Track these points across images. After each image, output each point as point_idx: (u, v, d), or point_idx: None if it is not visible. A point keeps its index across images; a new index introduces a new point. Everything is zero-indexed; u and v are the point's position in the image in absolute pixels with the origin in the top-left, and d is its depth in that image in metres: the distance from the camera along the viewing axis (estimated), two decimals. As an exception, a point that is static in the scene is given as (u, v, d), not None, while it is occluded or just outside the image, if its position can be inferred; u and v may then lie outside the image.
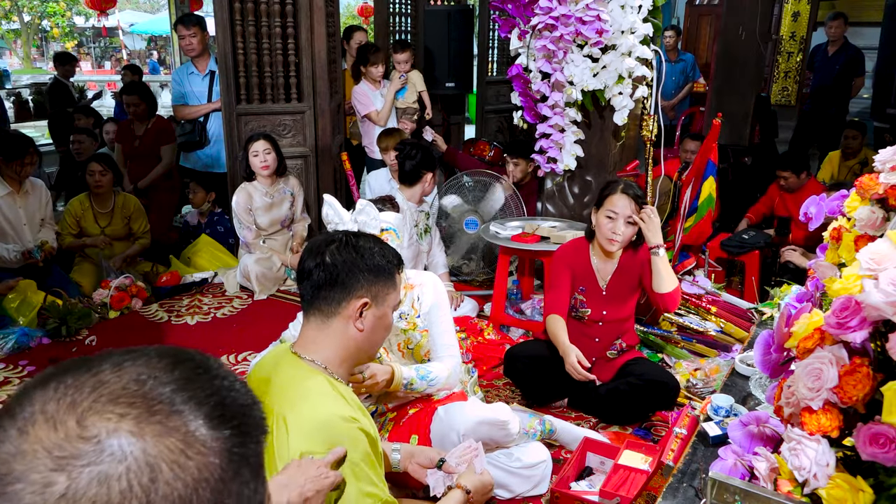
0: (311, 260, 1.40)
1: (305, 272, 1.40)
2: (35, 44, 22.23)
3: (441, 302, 2.18)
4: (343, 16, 9.42)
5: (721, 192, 3.96)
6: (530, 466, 2.11)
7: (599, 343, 2.67)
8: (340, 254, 1.39)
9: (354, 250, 1.40)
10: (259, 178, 3.89)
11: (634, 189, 2.54)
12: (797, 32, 7.97)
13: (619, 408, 2.57)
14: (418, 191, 3.37)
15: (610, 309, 2.63)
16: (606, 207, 2.53)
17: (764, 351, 1.40)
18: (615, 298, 2.63)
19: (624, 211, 2.49)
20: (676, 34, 7.29)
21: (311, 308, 1.40)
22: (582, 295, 2.64)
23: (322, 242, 1.42)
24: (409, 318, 2.15)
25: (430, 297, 2.16)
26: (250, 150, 3.80)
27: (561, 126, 3.21)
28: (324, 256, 1.38)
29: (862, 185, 1.34)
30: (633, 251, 2.64)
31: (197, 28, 4.34)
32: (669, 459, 1.81)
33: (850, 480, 1.09)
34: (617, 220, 2.50)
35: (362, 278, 1.38)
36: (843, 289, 1.16)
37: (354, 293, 1.37)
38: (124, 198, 4.15)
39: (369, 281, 1.39)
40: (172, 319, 3.59)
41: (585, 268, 2.65)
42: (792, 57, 8.01)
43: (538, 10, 2.98)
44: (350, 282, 1.37)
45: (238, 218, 3.92)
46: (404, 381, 2.01)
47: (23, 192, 3.70)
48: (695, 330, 3.20)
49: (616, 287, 2.63)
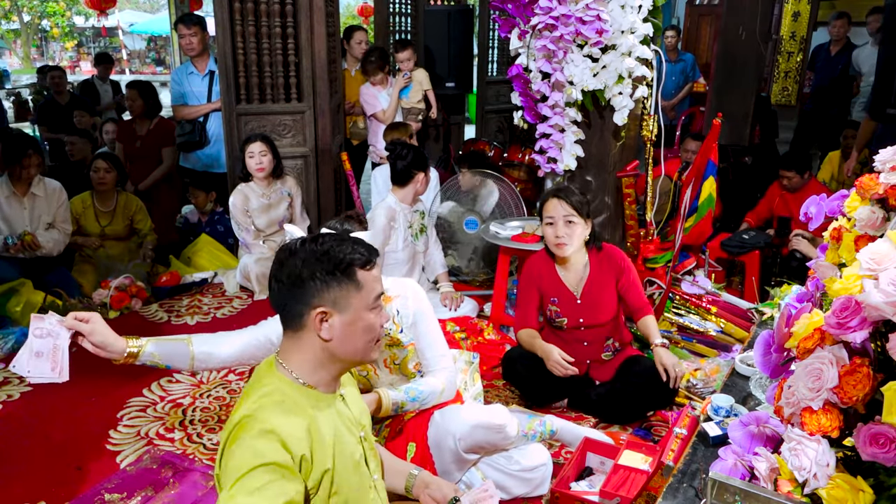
0: (272, 274, 1.35)
1: (270, 284, 1.36)
2: (35, 44, 22.23)
3: (424, 311, 2.06)
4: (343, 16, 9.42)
5: (721, 191, 3.96)
6: (529, 469, 2.09)
7: (590, 347, 2.66)
8: (290, 266, 1.32)
9: (301, 261, 1.31)
10: (255, 180, 3.88)
11: (569, 193, 2.55)
12: (797, 32, 7.96)
13: (619, 407, 2.57)
14: (410, 191, 3.36)
15: (586, 316, 2.61)
16: (544, 216, 2.57)
17: (764, 351, 1.40)
18: (592, 305, 2.61)
19: (559, 212, 2.52)
20: (676, 34, 7.29)
21: (283, 322, 1.37)
22: (555, 306, 2.64)
23: (281, 254, 1.35)
24: (391, 333, 2.02)
25: (411, 308, 2.04)
26: (246, 151, 3.79)
27: (561, 126, 3.20)
28: (280, 271, 1.33)
29: (862, 185, 1.34)
30: (597, 252, 2.65)
31: (197, 28, 4.34)
32: (669, 459, 1.81)
33: (851, 480, 1.09)
34: (556, 224, 2.53)
35: (312, 287, 1.30)
36: (843, 289, 1.16)
37: (310, 304, 1.31)
38: (126, 197, 4.15)
39: (321, 289, 1.31)
40: (172, 319, 3.59)
41: (553, 279, 2.65)
42: (792, 57, 8.01)
43: (538, 10, 2.98)
44: (301, 294, 1.31)
45: (235, 220, 3.92)
46: (393, 406, 1.97)
47: (30, 194, 3.64)
48: (695, 330, 3.20)
49: (592, 294, 2.62)
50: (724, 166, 4.49)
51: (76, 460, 2.35)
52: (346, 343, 1.35)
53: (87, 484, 2.18)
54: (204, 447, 2.44)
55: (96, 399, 2.76)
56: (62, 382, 1.73)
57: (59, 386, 1.78)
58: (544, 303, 2.67)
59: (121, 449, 2.43)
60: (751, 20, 5.30)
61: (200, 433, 2.53)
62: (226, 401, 2.76)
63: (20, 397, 2.78)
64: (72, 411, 2.67)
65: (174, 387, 2.88)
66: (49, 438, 2.49)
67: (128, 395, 2.79)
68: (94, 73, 7.07)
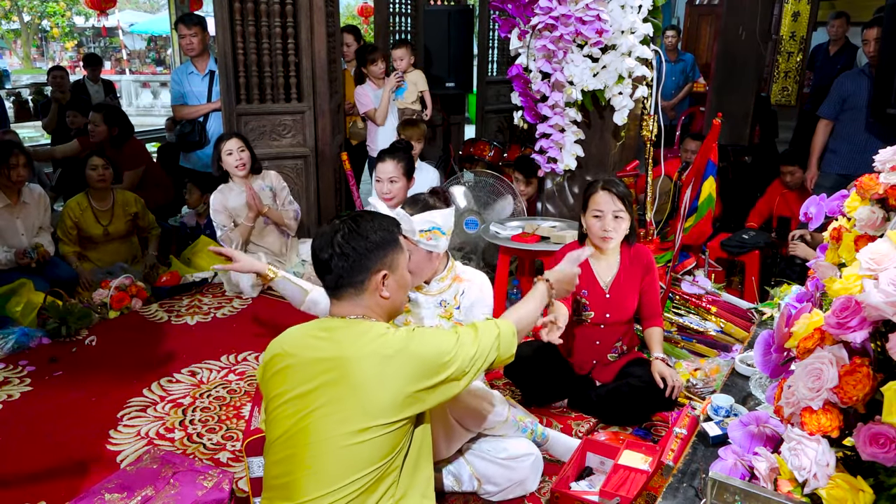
0: (325, 252, 1.56)
1: (323, 265, 1.57)
2: (35, 44, 22.25)
3: (485, 301, 2.23)
4: (343, 16, 9.43)
5: (721, 191, 3.96)
6: (515, 458, 2.09)
7: (600, 346, 2.67)
8: (349, 242, 1.54)
9: (359, 235, 1.55)
10: (234, 179, 3.80)
11: (615, 185, 2.55)
12: (797, 32, 7.96)
13: (619, 409, 2.57)
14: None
15: (613, 311, 2.62)
16: (591, 208, 2.55)
17: (764, 351, 1.40)
18: (618, 300, 2.62)
19: (609, 207, 2.51)
20: (676, 34, 7.29)
21: (339, 292, 1.58)
22: (585, 298, 2.64)
23: (328, 234, 1.57)
24: (448, 306, 2.19)
25: (474, 294, 2.21)
26: (223, 149, 3.71)
27: (561, 126, 3.21)
28: (335, 248, 1.54)
29: (862, 185, 1.34)
30: (629, 247, 2.65)
31: (198, 28, 4.34)
32: (669, 459, 1.81)
33: (850, 480, 1.09)
34: (605, 218, 2.52)
35: (374, 256, 1.56)
36: (843, 289, 1.16)
37: (372, 269, 1.56)
38: (123, 194, 4.13)
39: (381, 255, 1.57)
40: (172, 319, 3.58)
41: (586, 272, 2.63)
42: (792, 57, 8.00)
43: (538, 10, 2.98)
44: (366, 262, 1.55)
45: (216, 222, 3.80)
46: None
47: (20, 203, 3.63)
48: (695, 330, 3.20)
49: (619, 288, 2.63)
50: (724, 166, 4.49)
51: (76, 460, 2.35)
52: (396, 298, 1.62)
53: (87, 484, 2.17)
54: (204, 447, 2.44)
55: (96, 399, 2.76)
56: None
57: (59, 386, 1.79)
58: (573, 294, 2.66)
59: (121, 449, 2.42)
60: (751, 20, 5.30)
61: (200, 433, 2.53)
62: (226, 401, 2.76)
63: (20, 397, 2.78)
64: (72, 411, 2.67)
65: (174, 387, 2.88)
66: (49, 438, 2.48)
67: (128, 395, 2.79)
68: (85, 74, 7.05)
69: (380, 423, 1.43)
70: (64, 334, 3.30)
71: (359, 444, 1.43)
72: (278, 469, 1.51)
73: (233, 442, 2.47)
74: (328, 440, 1.44)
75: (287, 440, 1.49)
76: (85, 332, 3.38)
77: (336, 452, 1.43)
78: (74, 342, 3.28)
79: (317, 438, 1.44)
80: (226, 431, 2.54)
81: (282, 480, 1.49)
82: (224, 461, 2.35)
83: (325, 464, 1.44)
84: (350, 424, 1.43)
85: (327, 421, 1.44)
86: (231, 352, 3.19)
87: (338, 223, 1.59)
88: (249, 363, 3.09)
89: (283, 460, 1.50)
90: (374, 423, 1.43)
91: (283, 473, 1.49)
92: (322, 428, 1.45)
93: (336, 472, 1.43)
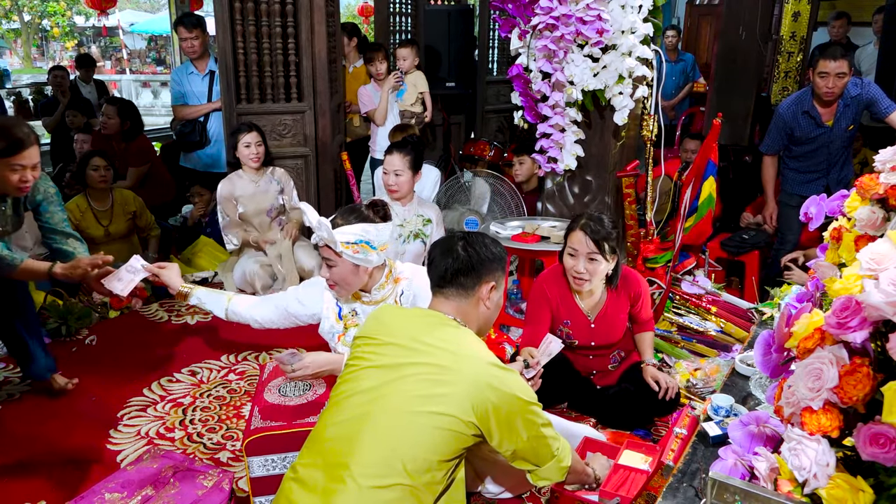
0: (447, 254, 1.71)
1: (443, 256, 1.71)
2: (35, 43, 22.23)
3: (424, 291, 2.13)
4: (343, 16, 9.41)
5: (721, 191, 3.95)
6: None
7: (595, 360, 2.67)
8: (469, 249, 1.71)
9: (482, 245, 1.73)
10: (246, 168, 3.84)
11: (596, 227, 2.39)
12: (797, 32, 7.95)
13: (620, 412, 2.56)
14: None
15: (598, 338, 2.60)
16: (568, 244, 2.47)
17: (764, 351, 1.40)
18: (604, 329, 2.59)
19: (583, 248, 2.40)
20: (677, 34, 7.29)
21: (446, 288, 1.71)
22: (567, 328, 2.59)
23: (450, 240, 1.75)
24: None
25: (414, 289, 2.19)
26: (241, 140, 3.74)
27: (561, 126, 3.20)
28: (457, 251, 1.70)
29: (862, 185, 1.34)
30: (614, 290, 2.57)
31: (199, 30, 4.33)
32: (669, 459, 1.81)
33: (851, 480, 1.09)
34: (578, 258, 2.43)
35: (489, 266, 1.72)
36: (843, 289, 1.16)
37: (484, 278, 1.71)
38: (121, 194, 4.12)
39: (494, 268, 1.73)
40: (172, 319, 3.59)
41: (568, 302, 2.58)
42: (792, 57, 7.99)
43: (538, 10, 2.98)
44: (481, 270, 1.71)
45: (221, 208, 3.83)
46: None
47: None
48: (695, 330, 3.20)
49: (606, 319, 2.59)
50: (724, 166, 4.49)
51: (76, 460, 2.35)
52: (492, 313, 1.77)
53: (87, 484, 2.18)
54: (204, 447, 2.44)
55: (96, 399, 2.77)
56: (121, 298, 2.60)
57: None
58: (556, 323, 2.61)
59: (121, 449, 2.43)
60: (751, 20, 5.30)
61: (200, 433, 2.53)
62: (226, 400, 2.76)
63: (20, 397, 2.78)
64: (72, 411, 2.67)
65: (174, 387, 2.88)
66: (49, 438, 2.48)
67: (128, 395, 2.80)
68: (77, 75, 7.03)
69: (452, 413, 1.48)
70: (64, 334, 3.30)
71: (426, 417, 1.48)
72: (339, 430, 1.53)
73: (233, 442, 2.47)
74: (403, 403, 1.50)
75: (365, 401, 1.54)
76: (85, 331, 3.38)
77: (404, 418, 1.48)
78: (75, 342, 3.28)
79: (394, 403, 1.51)
80: (226, 431, 2.54)
81: (335, 445, 1.50)
82: (224, 461, 2.35)
83: (390, 430, 1.48)
84: (426, 403, 1.49)
85: (408, 390, 1.52)
86: (231, 352, 3.19)
87: (459, 234, 1.77)
88: (249, 363, 3.09)
89: (351, 420, 1.52)
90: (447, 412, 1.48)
91: (341, 436, 1.51)
92: (403, 389, 1.52)
93: (397, 444, 1.46)
